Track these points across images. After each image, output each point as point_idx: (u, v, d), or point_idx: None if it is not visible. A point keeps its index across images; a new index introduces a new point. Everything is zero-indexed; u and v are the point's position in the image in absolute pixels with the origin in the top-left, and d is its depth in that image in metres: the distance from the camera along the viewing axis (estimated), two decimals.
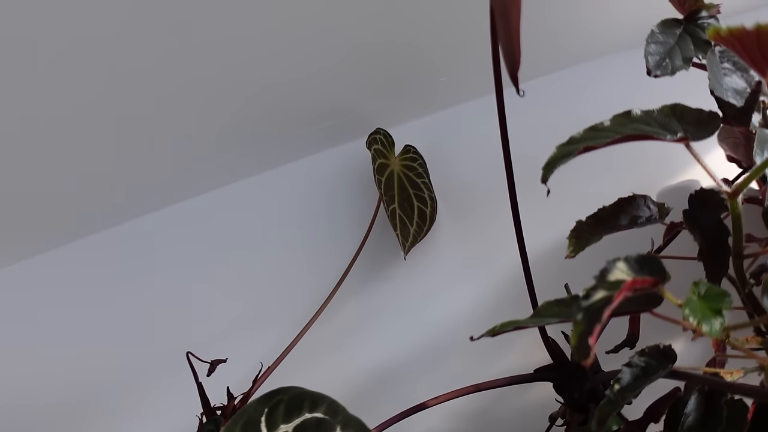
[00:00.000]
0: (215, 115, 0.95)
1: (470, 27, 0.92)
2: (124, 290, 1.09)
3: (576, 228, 0.56)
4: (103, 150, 0.95)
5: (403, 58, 0.96)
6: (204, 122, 0.96)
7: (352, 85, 0.99)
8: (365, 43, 0.91)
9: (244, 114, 0.97)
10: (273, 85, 0.93)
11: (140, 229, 1.13)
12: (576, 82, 1.08)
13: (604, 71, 1.07)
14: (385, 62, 0.96)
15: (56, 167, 0.96)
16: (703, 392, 0.48)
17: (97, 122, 0.89)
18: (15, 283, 1.13)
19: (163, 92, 0.87)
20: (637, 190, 0.64)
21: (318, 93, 0.98)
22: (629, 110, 0.52)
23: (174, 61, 0.82)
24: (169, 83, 0.86)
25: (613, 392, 0.47)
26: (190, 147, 1.01)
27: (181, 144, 0.99)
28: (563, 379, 0.70)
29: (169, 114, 0.92)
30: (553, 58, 1.06)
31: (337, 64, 0.93)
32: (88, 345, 1.05)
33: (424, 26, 0.91)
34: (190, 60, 0.83)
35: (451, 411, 0.91)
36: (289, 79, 0.93)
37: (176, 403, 0.91)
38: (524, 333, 0.89)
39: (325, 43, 0.88)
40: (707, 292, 0.40)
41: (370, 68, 0.96)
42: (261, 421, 0.59)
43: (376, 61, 0.95)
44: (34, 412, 1.02)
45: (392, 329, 0.97)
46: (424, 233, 0.96)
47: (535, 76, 1.07)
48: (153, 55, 0.81)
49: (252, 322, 1.02)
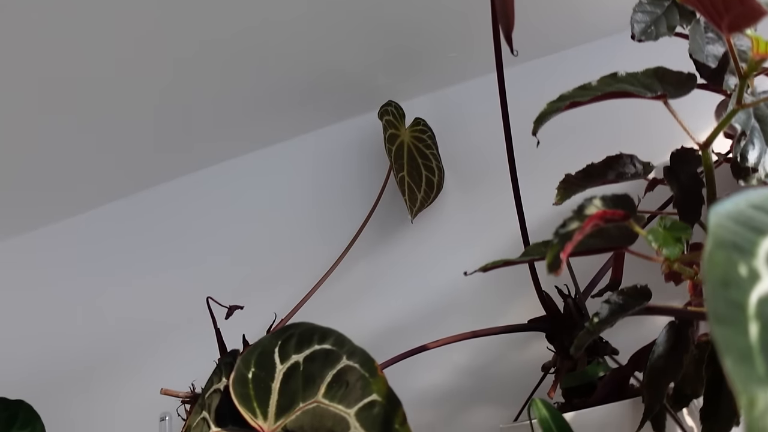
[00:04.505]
0: (234, 84, 1.01)
1: (480, 4, 0.97)
2: (146, 255, 1.16)
3: (565, 180, 0.61)
4: (120, 119, 1.01)
5: (414, 34, 1.01)
6: (223, 90, 1.02)
7: (366, 59, 1.04)
8: (378, 18, 0.96)
9: (262, 84, 1.02)
10: (289, 57, 0.98)
11: (160, 196, 1.20)
12: (582, 61, 1.12)
13: (610, 50, 1.11)
14: (397, 38, 1.01)
15: (77, 136, 1.02)
16: (673, 326, 0.54)
17: (116, 89, 0.95)
18: (47, 246, 1.20)
19: (183, 55, 0.93)
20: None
21: (332, 67, 1.03)
22: (615, 72, 0.56)
23: (193, 24, 0.88)
24: (187, 47, 0.92)
25: (591, 324, 0.53)
26: (211, 115, 1.06)
27: (200, 113, 1.05)
28: (555, 330, 0.75)
29: (187, 80, 0.98)
30: (561, 37, 1.09)
31: (351, 39, 0.98)
32: (120, 304, 1.13)
33: (435, 3, 0.96)
34: (209, 23, 0.89)
35: (453, 367, 0.96)
36: (304, 51, 0.98)
37: (196, 354, 0.98)
38: (523, 294, 0.95)
39: (340, 18, 0.93)
40: (672, 225, 0.45)
41: (383, 44, 1.01)
42: (275, 351, 0.65)
43: (388, 36, 1.00)
44: (75, 362, 1.11)
45: (398, 290, 1.03)
46: (431, 200, 1.02)
47: (542, 55, 1.11)
48: (172, 18, 0.87)
49: (266, 282, 1.08)
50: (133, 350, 1.11)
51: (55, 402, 1.04)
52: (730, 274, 0.23)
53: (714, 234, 0.24)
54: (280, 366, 0.64)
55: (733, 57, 0.45)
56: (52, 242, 1.24)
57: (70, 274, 1.21)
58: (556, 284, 0.77)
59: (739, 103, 0.46)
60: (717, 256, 0.23)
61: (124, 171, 1.16)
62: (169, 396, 0.82)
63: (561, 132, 1.01)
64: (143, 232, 1.19)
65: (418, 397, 0.96)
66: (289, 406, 0.62)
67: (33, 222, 1.24)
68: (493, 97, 0.78)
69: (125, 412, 1.09)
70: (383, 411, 0.56)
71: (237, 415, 0.65)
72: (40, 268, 1.23)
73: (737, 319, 0.21)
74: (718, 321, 0.21)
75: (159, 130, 1.07)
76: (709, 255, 0.23)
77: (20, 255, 1.25)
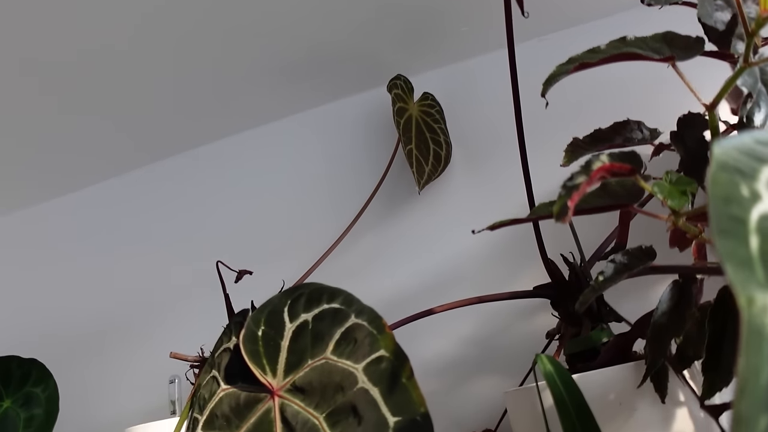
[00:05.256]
0: (242, 57, 1.02)
1: None
2: (157, 226, 1.18)
3: (572, 143, 0.62)
4: (130, 92, 1.02)
5: (425, 9, 1.01)
6: (231, 64, 1.02)
7: (376, 34, 1.04)
8: None
9: (271, 57, 1.03)
10: (299, 30, 0.99)
11: (172, 168, 1.21)
12: (593, 37, 1.11)
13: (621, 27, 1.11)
14: (408, 12, 1.01)
15: (90, 108, 1.03)
16: (676, 284, 0.54)
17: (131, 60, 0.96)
18: (62, 216, 1.22)
19: (185, 27, 0.94)
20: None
21: (342, 41, 1.04)
22: (624, 36, 0.57)
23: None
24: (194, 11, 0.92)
25: (596, 282, 0.54)
26: (221, 89, 1.07)
27: (211, 86, 1.06)
28: (560, 296, 0.76)
29: (191, 53, 0.98)
30: (575, 11, 1.09)
31: (362, 14, 0.99)
32: (132, 273, 1.16)
33: None
34: None
35: (458, 337, 0.98)
36: (315, 25, 0.98)
37: (206, 320, 0.99)
38: (529, 266, 0.96)
39: None
40: (677, 180, 0.45)
41: (394, 18, 1.02)
42: (284, 310, 0.66)
43: (399, 11, 1.00)
44: (89, 327, 1.16)
45: (405, 261, 1.04)
46: (438, 173, 1.02)
47: (554, 30, 1.11)
48: None
49: (275, 253, 1.10)
50: (144, 316, 1.14)
51: (68, 365, 1.06)
52: (733, 193, 0.24)
53: (718, 159, 0.25)
54: (289, 324, 0.65)
55: (741, 16, 0.46)
56: (67, 212, 1.26)
57: (84, 244, 1.23)
58: (561, 252, 0.78)
59: (746, 62, 0.46)
60: (720, 176, 0.24)
61: (134, 143, 1.17)
62: (179, 360, 0.83)
63: (570, 109, 1.02)
64: (155, 204, 1.21)
65: (424, 366, 0.97)
66: (298, 363, 0.63)
67: (48, 193, 1.26)
68: (504, 72, 0.79)
69: (136, 375, 1.11)
70: (391, 366, 0.57)
71: (246, 373, 0.67)
72: (54, 237, 1.25)
73: (739, 232, 0.22)
74: (721, 233, 0.22)
75: (170, 102, 1.08)
76: (713, 176, 0.24)
77: (36, 225, 1.27)
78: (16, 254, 1.27)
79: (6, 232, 1.29)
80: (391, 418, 0.55)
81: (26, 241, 1.27)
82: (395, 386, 0.56)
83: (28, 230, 1.28)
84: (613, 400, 0.65)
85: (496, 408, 0.92)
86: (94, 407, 1.12)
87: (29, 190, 1.24)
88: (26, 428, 0.73)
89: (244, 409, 0.64)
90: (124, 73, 0.99)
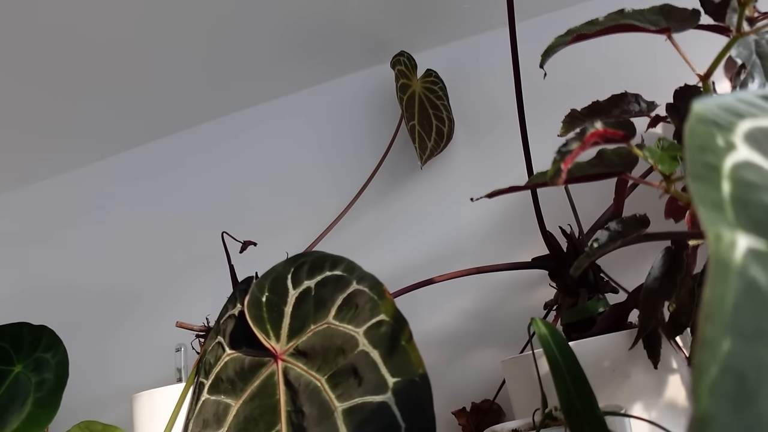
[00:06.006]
0: (248, 35, 1.03)
1: None
2: (165, 201, 1.20)
3: (570, 114, 0.63)
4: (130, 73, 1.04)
5: None
6: (236, 40, 1.04)
7: (379, 10, 1.05)
8: None
9: (273, 34, 1.04)
10: (302, 7, 1.00)
11: (174, 144, 1.23)
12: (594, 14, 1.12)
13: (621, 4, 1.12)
14: None
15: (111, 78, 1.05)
16: (669, 251, 0.56)
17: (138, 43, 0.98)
18: (75, 187, 1.24)
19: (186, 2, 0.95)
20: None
21: (346, 18, 1.05)
22: (622, 8, 0.58)
23: None
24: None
25: (591, 248, 0.55)
26: (229, 65, 1.09)
27: (222, 61, 1.07)
28: (558, 268, 0.77)
29: (195, 29, 1.00)
30: None
31: None
32: (138, 245, 1.18)
33: None
34: None
35: (460, 310, 1.00)
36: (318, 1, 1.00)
37: (211, 291, 1.01)
38: (528, 243, 0.97)
39: None
40: (669, 146, 0.47)
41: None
42: (288, 277, 0.68)
43: None
44: (97, 298, 1.20)
45: (407, 236, 1.06)
46: (440, 149, 1.04)
47: (555, 8, 1.11)
48: None
49: (279, 227, 1.12)
50: (151, 287, 1.17)
51: (76, 335, 1.08)
52: (708, 142, 0.25)
53: (696, 112, 0.26)
54: (292, 291, 0.67)
55: None
56: (78, 184, 1.29)
57: (90, 217, 1.25)
58: (560, 225, 0.80)
59: (738, 31, 0.47)
60: (697, 128, 0.26)
61: (127, 123, 1.19)
62: (184, 329, 0.85)
63: (569, 86, 1.03)
64: (163, 178, 1.23)
65: (424, 338, 0.98)
66: (301, 328, 0.65)
67: (63, 166, 1.29)
68: (505, 50, 0.80)
69: (143, 344, 1.14)
70: (390, 329, 0.59)
71: (250, 338, 0.69)
72: (67, 208, 1.28)
73: (712, 178, 0.24)
74: (695, 178, 0.24)
75: (172, 79, 1.09)
76: (690, 127, 0.26)
77: (51, 196, 1.31)
78: (27, 226, 1.30)
79: (24, 202, 1.32)
80: (390, 379, 0.57)
81: (40, 212, 1.30)
82: (395, 349, 0.58)
83: (43, 201, 1.30)
84: (607, 367, 0.67)
85: (495, 379, 0.94)
86: (101, 376, 1.15)
87: (47, 161, 1.27)
88: (37, 392, 0.75)
89: (248, 373, 0.66)
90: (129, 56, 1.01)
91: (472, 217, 1.04)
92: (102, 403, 1.11)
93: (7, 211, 1.32)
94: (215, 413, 0.66)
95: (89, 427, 0.94)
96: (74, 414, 0.93)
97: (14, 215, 1.32)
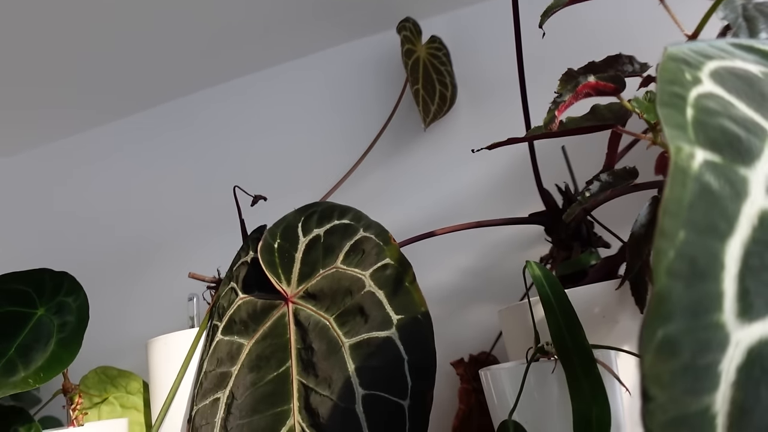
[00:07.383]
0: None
1: None
2: (180, 158, 1.24)
3: (567, 73, 0.66)
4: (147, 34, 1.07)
5: None
6: (241, 5, 1.07)
7: None
8: None
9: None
10: None
11: (189, 106, 1.27)
12: None
13: None
14: None
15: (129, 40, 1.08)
16: (655, 199, 0.60)
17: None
18: (92, 145, 1.28)
19: None
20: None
21: None
22: None
23: None
24: None
25: (583, 197, 0.59)
26: (237, 29, 1.12)
27: (230, 24, 1.10)
28: (553, 223, 0.82)
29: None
30: None
31: None
32: (153, 199, 1.23)
33: None
34: None
35: (459, 267, 1.04)
36: None
37: (222, 244, 1.06)
38: (527, 204, 1.01)
39: None
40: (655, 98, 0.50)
41: None
42: (298, 226, 0.72)
43: None
44: (114, 249, 1.26)
45: (410, 197, 1.10)
46: (443, 112, 1.07)
47: None
48: None
49: (287, 186, 1.16)
50: (166, 241, 1.22)
51: (94, 285, 1.13)
52: (677, 76, 0.29)
53: (669, 53, 0.30)
54: (303, 238, 0.71)
55: None
56: (95, 143, 1.34)
57: (105, 174, 1.30)
58: (556, 183, 0.84)
59: None
60: (669, 65, 0.29)
61: (142, 84, 1.22)
62: (196, 280, 0.90)
63: (569, 55, 1.06)
64: (179, 135, 1.28)
65: (424, 293, 1.02)
66: (311, 273, 0.69)
67: (83, 125, 1.34)
68: (507, 17, 0.83)
69: (157, 295, 1.20)
70: (395, 272, 0.63)
71: (262, 283, 0.73)
72: (85, 165, 1.33)
73: (678, 104, 0.28)
74: (662, 105, 0.27)
75: (185, 41, 1.13)
76: (662, 65, 0.29)
77: (70, 154, 1.36)
78: (48, 181, 1.35)
79: (47, 158, 1.36)
80: (394, 316, 0.61)
81: (56, 170, 1.34)
82: (399, 289, 0.62)
83: (62, 159, 1.35)
84: (598, 313, 0.71)
85: (491, 332, 0.99)
86: (117, 325, 1.20)
87: (66, 120, 1.31)
88: (60, 333, 0.79)
89: (260, 315, 0.71)
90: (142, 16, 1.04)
91: (473, 177, 1.08)
92: (117, 350, 1.16)
93: (29, 168, 1.37)
94: (229, 352, 0.70)
95: (105, 372, 0.99)
96: (91, 361, 0.98)
97: (36, 170, 1.36)
